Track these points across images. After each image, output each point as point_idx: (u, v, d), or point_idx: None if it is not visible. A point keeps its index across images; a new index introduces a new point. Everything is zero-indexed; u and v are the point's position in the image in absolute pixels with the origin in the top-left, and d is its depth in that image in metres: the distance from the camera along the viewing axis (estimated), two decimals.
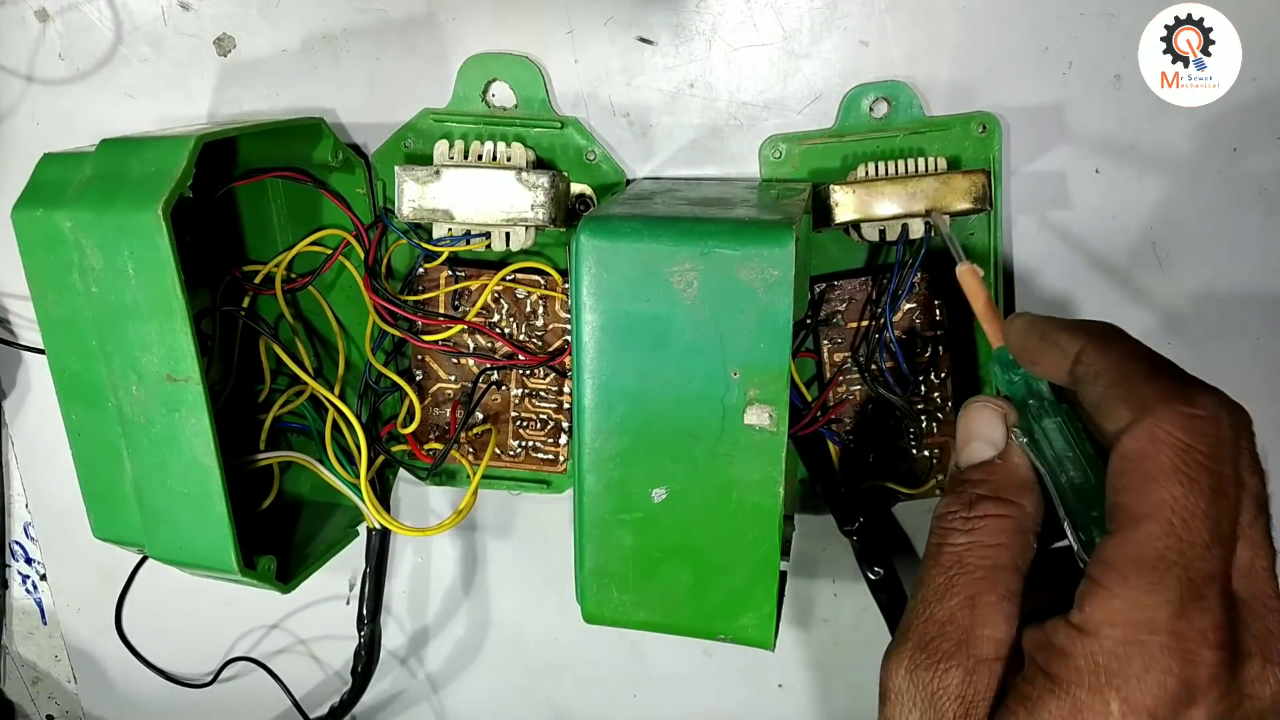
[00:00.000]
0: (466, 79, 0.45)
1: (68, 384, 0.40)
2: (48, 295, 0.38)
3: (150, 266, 0.35)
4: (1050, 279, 0.45)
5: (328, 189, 0.45)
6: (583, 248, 0.33)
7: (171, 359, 0.36)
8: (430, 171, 0.40)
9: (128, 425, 0.38)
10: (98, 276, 0.36)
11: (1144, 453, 0.25)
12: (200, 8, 0.46)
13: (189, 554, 0.39)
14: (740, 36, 0.44)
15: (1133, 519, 0.25)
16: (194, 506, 0.38)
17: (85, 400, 0.39)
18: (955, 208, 0.40)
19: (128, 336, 0.36)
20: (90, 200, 0.36)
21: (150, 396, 0.37)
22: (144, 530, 0.39)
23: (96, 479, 0.41)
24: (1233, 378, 0.46)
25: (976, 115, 0.43)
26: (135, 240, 0.35)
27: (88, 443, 0.40)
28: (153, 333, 0.36)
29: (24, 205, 0.38)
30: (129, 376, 0.37)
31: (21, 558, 0.60)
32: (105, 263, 0.36)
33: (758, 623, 0.34)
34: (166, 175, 0.35)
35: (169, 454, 0.37)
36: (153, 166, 0.35)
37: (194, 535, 0.38)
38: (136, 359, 0.36)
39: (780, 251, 0.31)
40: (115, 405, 0.38)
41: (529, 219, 0.40)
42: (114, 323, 0.36)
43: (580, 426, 0.34)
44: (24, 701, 0.65)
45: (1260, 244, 0.44)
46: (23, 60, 0.49)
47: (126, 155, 0.37)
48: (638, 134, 0.45)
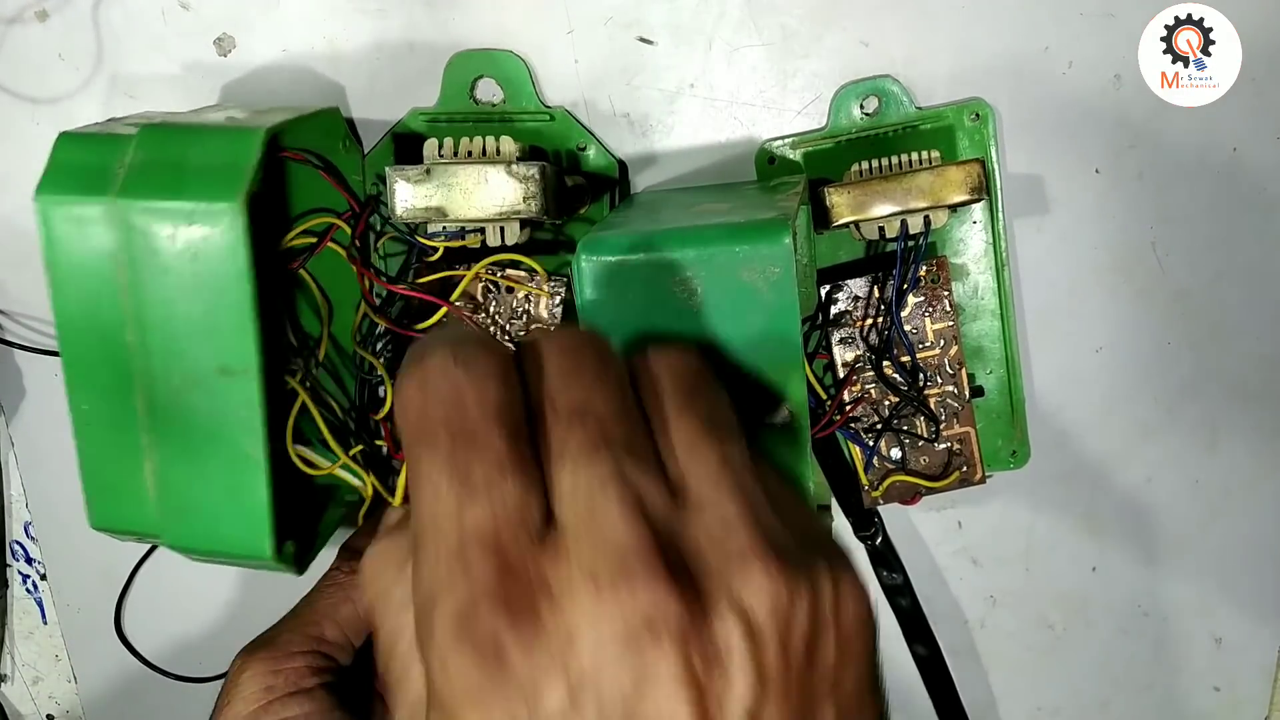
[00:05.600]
0: (453, 76, 0.45)
1: (83, 375, 0.39)
2: (72, 283, 0.37)
3: (222, 259, 0.34)
4: (1050, 279, 0.45)
5: (330, 173, 0.45)
6: (582, 269, 0.33)
7: (229, 351, 0.35)
8: (420, 170, 0.40)
9: (159, 416, 0.37)
10: (149, 267, 0.35)
11: None
12: (200, 8, 0.46)
13: (217, 543, 0.38)
14: (740, 36, 0.44)
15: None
16: (231, 498, 0.37)
17: (103, 391, 0.38)
18: (952, 199, 0.40)
19: (177, 328, 0.36)
20: (148, 188, 0.35)
21: (193, 387, 0.36)
22: (161, 520, 0.39)
23: (104, 470, 0.40)
24: (1233, 378, 0.46)
25: (969, 104, 0.43)
26: (208, 232, 0.34)
27: (99, 433, 0.39)
28: (211, 324, 0.35)
29: (51, 189, 0.37)
30: (171, 368, 0.36)
31: (21, 558, 0.60)
32: (163, 253, 0.35)
33: None
34: (240, 167, 0.35)
35: (208, 445, 0.37)
36: (221, 158, 0.35)
37: (226, 525, 0.38)
38: (183, 350, 0.36)
39: (777, 248, 0.31)
40: (146, 396, 0.37)
41: (521, 211, 0.40)
42: (162, 313, 0.36)
43: None
44: (24, 702, 0.65)
45: (1260, 244, 0.44)
46: (22, 60, 0.49)
47: (181, 144, 0.36)
48: (638, 134, 0.45)
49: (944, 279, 0.43)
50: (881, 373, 0.43)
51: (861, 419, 0.44)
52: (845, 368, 0.44)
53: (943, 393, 0.44)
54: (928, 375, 0.44)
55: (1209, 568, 0.48)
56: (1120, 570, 0.48)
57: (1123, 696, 0.50)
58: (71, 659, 0.62)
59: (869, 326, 0.43)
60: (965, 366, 0.44)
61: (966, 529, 0.48)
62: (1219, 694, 0.50)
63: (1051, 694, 0.50)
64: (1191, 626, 0.49)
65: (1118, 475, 0.47)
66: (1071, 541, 0.48)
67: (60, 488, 0.56)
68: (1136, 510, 0.48)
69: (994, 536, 0.48)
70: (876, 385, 0.44)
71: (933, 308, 0.43)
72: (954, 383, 0.44)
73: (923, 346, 0.44)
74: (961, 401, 0.44)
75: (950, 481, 0.44)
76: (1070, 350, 0.46)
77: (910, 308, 0.43)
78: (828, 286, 0.43)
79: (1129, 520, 0.48)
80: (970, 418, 0.44)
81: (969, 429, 0.44)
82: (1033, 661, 0.50)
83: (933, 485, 0.44)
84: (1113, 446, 0.47)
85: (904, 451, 0.44)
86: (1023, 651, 0.50)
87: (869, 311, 0.43)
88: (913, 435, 0.44)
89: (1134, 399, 0.46)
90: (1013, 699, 0.50)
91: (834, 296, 0.43)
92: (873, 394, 0.44)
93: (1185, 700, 0.50)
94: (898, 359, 0.43)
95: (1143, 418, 0.47)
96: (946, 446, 0.44)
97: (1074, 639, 0.49)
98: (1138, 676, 0.50)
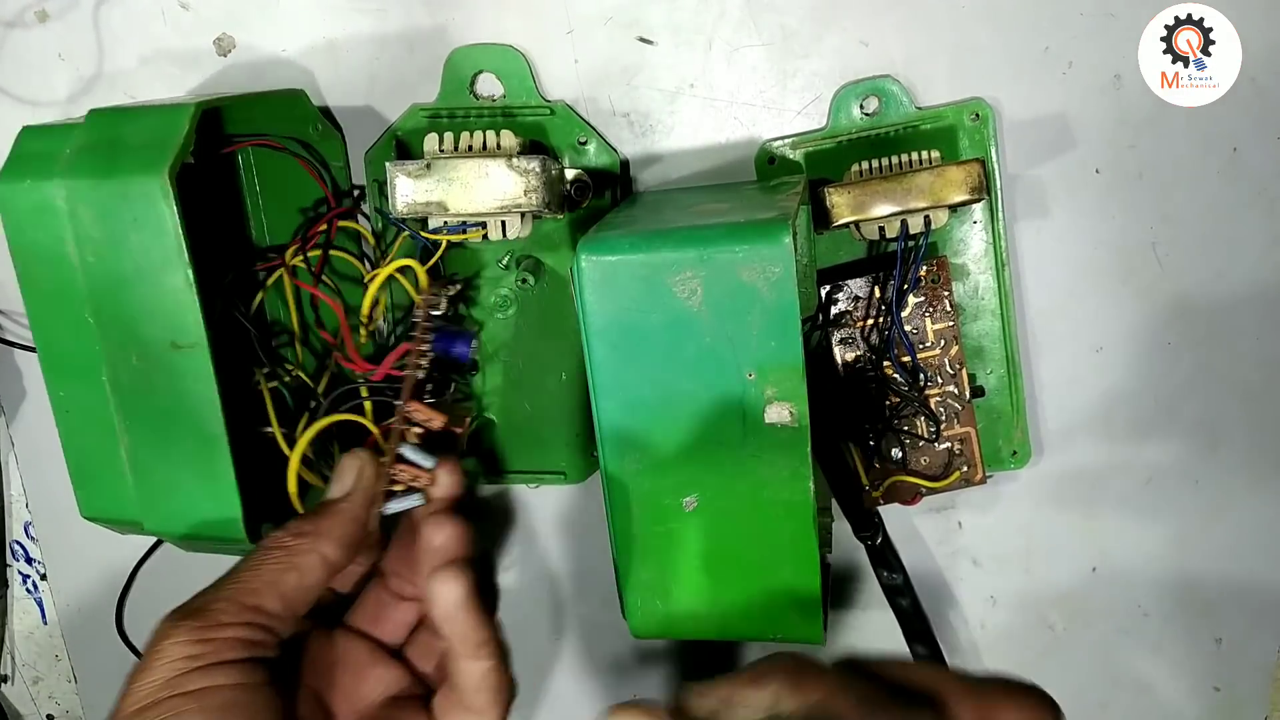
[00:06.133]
0: (453, 72, 0.45)
1: (56, 361, 0.39)
2: (36, 270, 0.38)
3: (156, 233, 0.34)
4: (1050, 279, 0.45)
5: (302, 157, 0.45)
6: (584, 269, 0.33)
7: (177, 326, 0.36)
8: (421, 165, 0.40)
9: (125, 397, 0.37)
10: (96, 246, 0.36)
11: None
12: (200, 8, 0.46)
13: (193, 526, 0.38)
14: (740, 36, 0.44)
15: None
16: (199, 476, 0.37)
17: (75, 376, 0.39)
18: (952, 199, 0.40)
19: (129, 305, 0.36)
20: (87, 168, 0.36)
21: (152, 366, 0.36)
22: (141, 505, 0.39)
23: (87, 456, 0.40)
24: (1233, 378, 0.46)
25: (969, 104, 0.43)
26: (140, 206, 0.34)
27: (77, 419, 0.40)
28: (157, 300, 0.35)
29: (9, 178, 0.37)
30: (128, 347, 0.37)
31: (22, 558, 0.60)
32: (105, 231, 0.35)
33: (804, 618, 0.35)
34: (169, 142, 0.35)
35: (172, 424, 0.37)
36: (152, 134, 0.35)
37: (198, 506, 0.38)
38: (137, 328, 0.36)
39: (777, 248, 0.31)
40: (111, 378, 0.37)
41: (522, 204, 0.40)
42: (113, 292, 0.36)
43: (603, 445, 0.34)
44: (24, 702, 0.65)
45: (1260, 244, 0.45)
46: (23, 61, 0.48)
47: (119, 124, 0.36)
48: (638, 134, 0.45)
49: (944, 279, 0.43)
50: (882, 373, 0.43)
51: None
52: (846, 368, 0.44)
53: (943, 393, 0.44)
54: (928, 375, 0.44)
55: (1209, 568, 0.48)
56: (1120, 570, 0.48)
57: (1123, 696, 0.50)
58: (71, 659, 0.62)
59: (869, 326, 0.43)
60: (966, 366, 0.44)
61: (966, 529, 0.48)
62: (1219, 694, 0.50)
63: (1051, 694, 0.50)
64: (1191, 626, 0.49)
65: (1118, 475, 0.47)
66: (1071, 541, 0.48)
67: (60, 488, 0.56)
68: (1136, 510, 0.48)
69: (994, 536, 0.48)
70: (877, 385, 0.44)
71: (933, 308, 0.43)
72: (954, 383, 0.44)
73: (923, 346, 0.44)
74: (962, 401, 0.44)
75: (951, 482, 0.44)
76: (1070, 350, 0.46)
77: (910, 308, 0.43)
78: (828, 286, 0.43)
79: (1129, 520, 0.48)
80: (971, 418, 0.44)
81: (969, 429, 0.44)
82: (1033, 661, 0.50)
83: (933, 485, 0.44)
84: (1113, 446, 0.47)
85: (904, 452, 0.44)
86: (1023, 651, 0.50)
87: (869, 311, 0.43)
88: (913, 435, 0.44)
89: (1134, 399, 0.46)
90: None
91: (834, 296, 0.43)
92: (873, 394, 0.44)
93: (1185, 700, 0.50)
94: (898, 359, 0.43)
95: (1143, 418, 0.47)
96: (947, 447, 0.44)
97: (1074, 639, 0.49)
98: (1138, 676, 0.50)
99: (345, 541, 0.34)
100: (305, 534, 0.34)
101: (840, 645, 0.50)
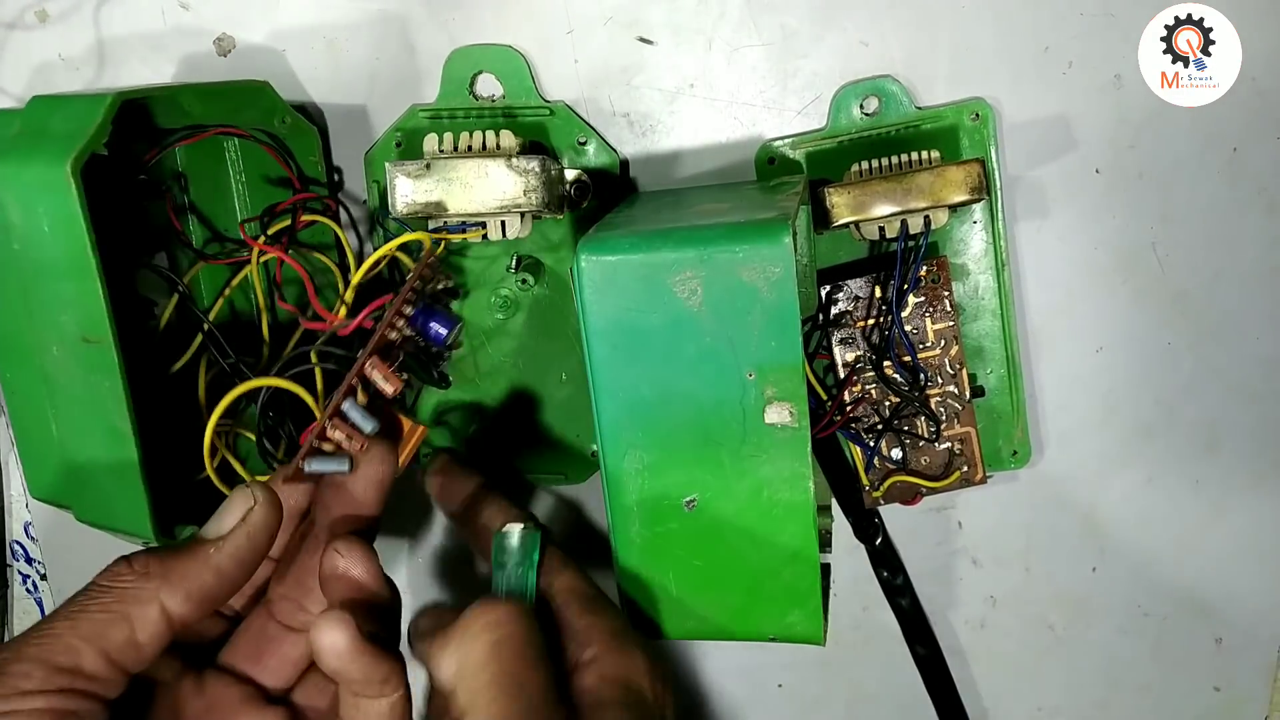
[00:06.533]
0: (452, 72, 0.45)
1: (3, 342, 0.39)
2: None
3: (63, 224, 0.34)
4: (1050, 279, 0.45)
5: (264, 143, 0.44)
6: (584, 269, 0.33)
7: (87, 320, 0.35)
8: (420, 165, 0.40)
9: (51, 385, 0.37)
10: (19, 234, 0.35)
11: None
12: (200, 8, 0.46)
13: (111, 518, 0.38)
14: (740, 36, 0.44)
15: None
16: (112, 470, 0.37)
17: (15, 358, 0.39)
18: (952, 199, 0.40)
19: (47, 296, 0.36)
20: (12, 156, 0.35)
21: (69, 357, 0.36)
22: (70, 492, 0.39)
23: (29, 438, 0.40)
24: (1233, 378, 0.46)
25: (969, 104, 0.43)
26: (49, 197, 0.34)
27: (20, 401, 0.39)
28: (69, 293, 0.35)
29: None
30: (49, 336, 0.36)
31: (22, 557, 0.60)
32: (24, 220, 0.35)
33: (805, 619, 0.35)
34: (81, 132, 0.34)
35: (88, 416, 0.37)
36: (72, 124, 0.35)
37: (115, 499, 0.37)
38: (56, 319, 0.36)
39: (777, 248, 0.31)
40: (40, 364, 0.37)
41: (522, 204, 0.40)
42: (35, 281, 0.36)
43: (603, 444, 0.34)
44: None
45: (1260, 244, 0.45)
46: (22, 61, 0.48)
47: (52, 112, 0.36)
48: (638, 134, 0.45)
49: (944, 279, 0.43)
50: (882, 373, 0.43)
51: (862, 419, 0.44)
52: (846, 368, 0.44)
53: (943, 393, 0.44)
54: (928, 375, 0.44)
55: (1209, 568, 0.48)
56: (1120, 570, 0.48)
57: (1123, 696, 0.50)
58: None
59: (870, 326, 0.43)
60: (966, 366, 0.44)
61: (966, 529, 0.48)
62: (1219, 694, 0.50)
63: (1051, 694, 0.50)
64: (1191, 626, 0.49)
65: (1118, 475, 0.47)
66: (1071, 541, 0.48)
67: None
68: (1136, 510, 0.48)
69: (994, 536, 0.48)
70: (877, 385, 0.44)
71: (933, 308, 0.43)
72: (955, 383, 0.44)
73: (923, 346, 0.44)
74: (962, 401, 0.44)
75: (951, 481, 0.44)
76: (1070, 350, 0.46)
77: (911, 308, 0.43)
78: (828, 286, 0.43)
79: (1129, 520, 0.48)
80: (971, 418, 0.44)
81: (969, 429, 0.44)
82: (1033, 661, 0.50)
83: (933, 485, 0.44)
84: (1113, 446, 0.47)
85: (905, 451, 0.44)
86: (1023, 651, 0.50)
87: (869, 311, 0.43)
88: (913, 435, 0.44)
89: (1134, 399, 0.46)
90: (1013, 699, 0.50)
91: (834, 296, 0.43)
92: (873, 394, 0.44)
93: (1185, 700, 0.50)
94: (898, 359, 0.43)
95: (1143, 418, 0.47)
96: (947, 446, 0.44)
97: (1074, 639, 0.49)
98: (1138, 676, 0.50)
99: (199, 595, 0.28)
100: (149, 576, 0.28)
101: (840, 645, 0.50)
